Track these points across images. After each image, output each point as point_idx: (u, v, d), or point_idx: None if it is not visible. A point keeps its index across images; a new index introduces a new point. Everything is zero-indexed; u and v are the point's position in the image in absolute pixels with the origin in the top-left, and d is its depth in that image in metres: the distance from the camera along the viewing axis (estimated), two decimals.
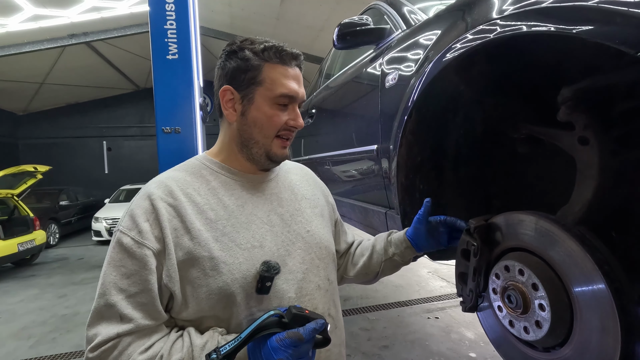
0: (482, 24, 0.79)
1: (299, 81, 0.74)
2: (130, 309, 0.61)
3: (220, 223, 0.69)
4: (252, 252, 0.69)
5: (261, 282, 0.67)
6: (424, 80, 0.98)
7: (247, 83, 0.72)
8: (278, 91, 0.71)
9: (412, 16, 1.46)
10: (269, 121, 0.72)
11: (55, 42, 7.43)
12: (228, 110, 0.74)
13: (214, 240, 0.67)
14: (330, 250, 0.84)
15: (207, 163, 0.77)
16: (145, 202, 0.67)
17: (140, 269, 0.62)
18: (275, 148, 0.75)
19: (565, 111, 0.74)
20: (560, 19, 0.58)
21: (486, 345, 2.62)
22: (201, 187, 0.72)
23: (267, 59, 0.72)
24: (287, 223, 0.77)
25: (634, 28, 0.45)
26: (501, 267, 0.75)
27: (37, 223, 5.99)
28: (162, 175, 0.75)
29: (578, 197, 0.75)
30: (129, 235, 0.64)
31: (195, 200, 0.70)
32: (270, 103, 0.72)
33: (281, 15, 7.56)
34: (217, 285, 0.65)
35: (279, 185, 0.82)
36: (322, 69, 3.02)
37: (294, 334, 0.59)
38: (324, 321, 0.62)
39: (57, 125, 11.80)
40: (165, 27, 2.71)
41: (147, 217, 0.65)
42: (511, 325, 0.73)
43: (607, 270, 0.58)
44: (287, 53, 0.73)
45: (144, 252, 0.63)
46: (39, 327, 3.41)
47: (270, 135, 0.73)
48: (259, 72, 0.71)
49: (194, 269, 0.65)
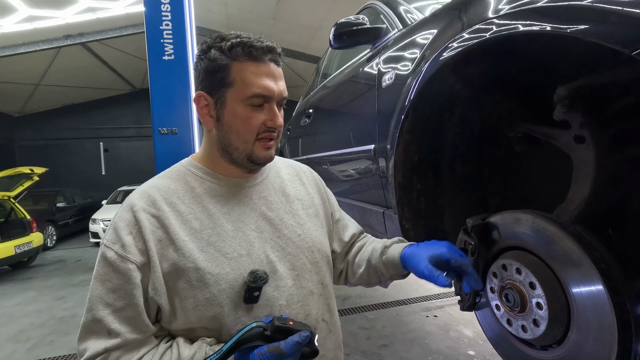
0: (478, 23, 0.79)
1: (274, 77, 0.68)
2: (117, 323, 0.61)
3: (206, 232, 0.67)
4: (239, 262, 0.67)
5: (249, 292, 0.65)
6: (420, 80, 0.98)
7: (218, 85, 0.68)
8: (250, 91, 0.66)
9: (408, 15, 1.46)
10: (244, 125, 0.68)
11: (51, 43, 7.39)
12: (205, 117, 0.71)
13: (199, 250, 0.65)
14: (324, 252, 0.81)
15: (192, 169, 0.74)
16: (127, 214, 0.65)
17: (124, 284, 0.61)
18: (258, 151, 0.71)
19: (561, 110, 0.74)
20: (556, 18, 0.58)
21: (485, 343, 2.63)
22: (185, 195, 0.70)
23: (234, 57, 0.66)
24: (277, 228, 0.74)
25: (629, 27, 0.45)
26: (499, 266, 0.75)
27: (34, 225, 5.96)
28: (145, 184, 0.72)
29: (574, 195, 0.75)
30: (112, 249, 0.62)
31: (179, 210, 0.67)
32: (244, 105, 0.67)
33: (277, 15, 7.54)
34: (204, 297, 0.64)
35: (268, 187, 0.79)
36: (319, 68, 3.02)
37: (275, 349, 0.57)
38: (308, 333, 0.60)
39: (54, 127, 11.73)
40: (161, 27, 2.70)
41: (130, 229, 0.64)
42: (509, 323, 0.73)
43: (604, 269, 0.58)
44: (257, 48, 0.66)
45: (127, 266, 0.61)
46: (36, 330, 3.39)
47: (250, 139, 0.69)
48: (227, 72, 0.66)
49: (180, 281, 0.64)
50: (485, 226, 0.81)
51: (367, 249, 0.91)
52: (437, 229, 1.12)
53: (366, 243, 0.94)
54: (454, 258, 0.73)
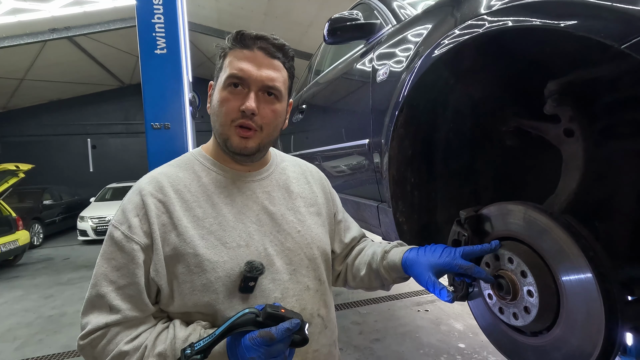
0: (470, 19, 0.81)
1: (257, 63, 0.69)
2: (118, 300, 0.64)
3: (208, 221, 0.70)
4: (237, 252, 0.69)
5: (244, 282, 0.67)
6: (414, 75, 0.99)
7: (217, 72, 0.73)
8: (226, 73, 0.69)
9: (402, 11, 1.47)
10: (221, 107, 0.70)
11: (36, 36, 7.21)
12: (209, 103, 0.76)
13: (200, 237, 0.68)
14: (323, 250, 0.82)
15: (201, 159, 0.77)
16: (136, 197, 0.69)
17: (128, 262, 0.64)
18: (232, 137, 0.70)
19: (551, 104, 0.76)
20: (547, 14, 0.59)
21: (475, 336, 2.68)
22: (192, 183, 0.73)
23: (230, 45, 0.71)
24: (278, 222, 0.76)
25: (618, 22, 0.46)
26: (491, 256, 0.77)
27: (19, 223, 5.83)
28: (155, 170, 0.75)
29: (564, 187, 0.78)
30: (119, 229, 0.66)
31: (185, 197, 0.70)
32: (223, 87, 0.70)
33: (269, 11, 7.49)
34: (201, 283, 0.66)
35: (272, 183, 0.81)
36: (312, 65, 3.02)
37: (266, 334, 0.58)
38: (298, 321, 0.61)
39: (40, 123, 11.47)
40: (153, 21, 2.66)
41: (137, 212, 0.67)
42: (501, 312, 0.75)
43: (592, 256, 0.60)
44: (246, 35, 0.70)
45: (132, 246, 0.65)
46: (24, 329, 3.33)
47: (225, 122, 0.70)
48: (223, 59, 0.72)
49: (180, 265, 0.66)
50: (478, 218, 0.83)
51: (367, 252, 0.90)
52: (430, 222, 1.14)
53: (365, 247, 0.94)
54: (458, 265, 0.72)
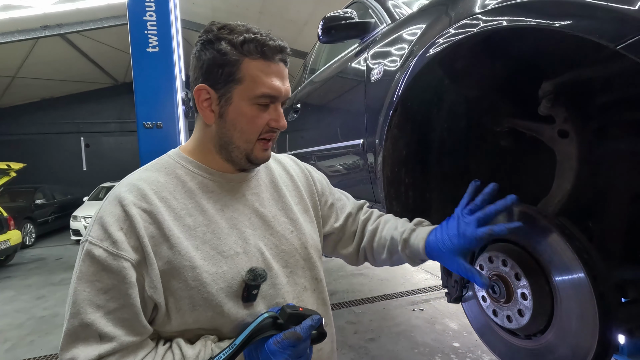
0: (465, 19, 0.80)
1: (282, 78, 0.67)
2: (110, 326, 0.56)
3: (200, 230, 0.65)
4: (236, 260, 0.66)
5: (247, 291, 0.64)
6: (409, 75, 0.98)
7: (225, 80, 0.65)
8: (259, 91, 0.64)
9: (396, 10, 1.46)
10: (249, 124, 0.66)
11: (27, 33, 7.11)
12: (205, 111, 0.67)
13: (194, 248, 0.63)
14: (316, 248, 0.80)
15: (183, 162, 0.71)
16: (116, 208, 0.61)
17: (118, 283, 0.57)
18: (257, 151, 0.69)
19: (545, 105, 0.76)
20: (542, 14, 0.59)
21: (469, 335, 2.69)
22: (177, 189, 0.67)
23: (246, 53, 0.64)
24: (270, 224, 0.73)
25: (613, 22, 0.46)
26: (485, 258, 0.77)
27: (11, 223, 5.75)
28: (132, 176, 0.67)
29: (558, 188, 0.77)
30: (101, 247, 0.57)
31: (172, 205, 0.64)
32: (250, 103, 0.65)
33: (264, 9, 7.45)
34: (202, 297, 0.61)
35: (260, 183, 0.77)
36: (307, 63, 3.00)
37: (292, 334, 0.57)
38: (319, 316, 0.61)
39: (32, 121, 11.33)
40: (145, 18, 2.62)
41: (120, 225, 0.59)
42: (495, 314, 0.75)
43: (586, 259, 0.60)
44: (270, 47, 0.65)
45: (120, 264, 0.57)
46: (15, 330, 3.28)
47: (252, 139, 0.68)
48: (237, 68, 0.64)
49: (175, 280, 0.61)
50: None
51: (384, 235, 0.86)
52: None
53: (379, 226, 0.89)
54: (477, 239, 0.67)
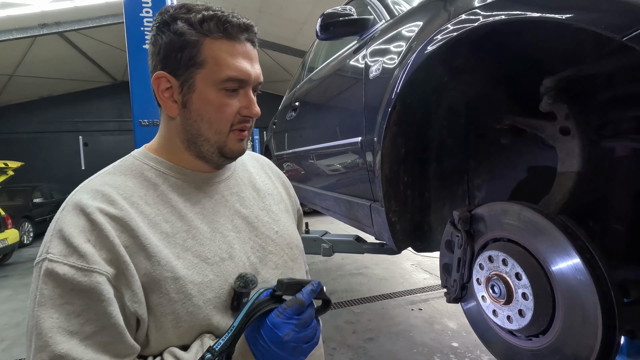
0: (463, 13, 0.78)
1: (250, 59, 0.60)
2: (90, 353, 0.48)
3: (180, 236, 0.58)
4: (222, 266, 0.60)
5: (237, 299, 0.58)
6: (407, 71, 0.96)
7: (185, 65, 0.58)
8: (224, 74, 0.57)
9: (395, 7, 1.44)
10: (217, 112, 0.59)
11: (25, 31, 7.07)
12: (166, 102, 0.61)
13: (175, 257, 0.56)
14: (300, 247, 0.77)
15: (151, 162, 0.63)
16: (77, 218, 0.52)
17: (93, 302, 0.49)
18: (231, 143, 0.62)
19: (547, 101, 0.75)
20: (544, 6, 0.57)
21: (468, 335, 2.68)
22: (148, 193, 0.59)
23: (207, 32, 0.57)
24: (254, 226, 0.68)
25: (619, 13, 0.44)
26: (485, 258, 0.75)
27: (9, 222, 5.73)
28: (92, 181, 0.59)
29: (559, 187, 0.76)
30: (66, 263, 0.49)
31: (145, 211, 0.57)
32: (216, 89, 0.58)
33: (263, 8, 7.43)
34: (187, 311, 0.55)
35: (238, 182, 0.71)
36: (305, 62, 2.99)
37: (294, 301, 0.53)
38: (318, 281, 0.58)
39: (30, 120, 11.29)
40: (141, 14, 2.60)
41: (87, 236, 0.51)
42: (495, 314, 0.74)
43: (589, 259, 0.59)
44: (234, 24, 0.58)
45: (93, 279, 0.49)
46: (12, 330, 3.27)
47: (223, 130, 0.60)
48: (197, 50, 0.57)
49: (155, 295, 0.54)
50: (471, 218, 0.81)
51: None
52: (423, 221, 1.12)
53: None
54: None
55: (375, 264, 4.51)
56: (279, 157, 2.96)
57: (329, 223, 6.69)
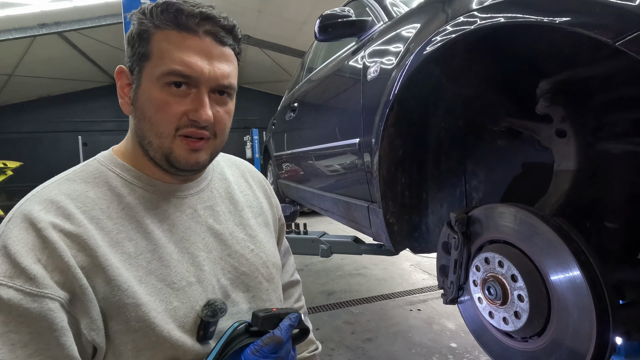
0: (461, 15, 0.79)
1: (206, 54, 0.52)
2: None
3: (143, 257, 0.52)
4: (189, 292, 0.54)
5: (204, 329, 0.54)
6: (405, 73, 0.97)
7: (138, 58, 0.53)
8: (166, 67, 0.51)
9: (394, 9, 1.45)
10: (158, 112, 0.52)
11: (24, 31, 7.07)
12: (123, 98, 0.56)
13: (137, 281, 0.50)
14: (277, 265, 0.72)
15: (118, 169, 0.57)
16: (27, 233, 0.46)
17: (43, 331, 0.43)
18: (178, 151, 0.54)
19: (543, 104, 0.75)
20: (540, 9, 0.57)
21: (466, 336, 2.68)
22: (111, 206, 0.53)
23: (158, 23, 0.51)
24: (228, 244, 0.62)
25: (612, 17, 0.45)
26: (481, 259, 0.76)
27: None
28: (47, 188, 0.53)
29: (555, 189, 0.76)
30: (11, 286, 0.42)
31: (106, 227, 0.51)
32: (160, 85, 0.51)
33: (263, 8, 7.43)
34: (149, 341, 0.50)
35: (214, 195, 0.65)
36: (304, 62, 2.99)
37: (271, 339, 0.52)
38: (296, 314, 0.57)
39: (29, 120, 11.29)
40: None
41: (37, 255, 0.45)
42: (491, 316, 0.74)
43: (584, 261, 0.59)
44: (187, 13, 0.51)
45: (45, 306, 0.43)
46: None
47: (164, 133, 0.53)
48: (147, 41, 0.52)
49: (114, 322, 0.49)
50: (468, 219, 0.81)
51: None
52: (421, 223, 1.13)
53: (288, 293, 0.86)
54: None
55: (374, 264, 4.52)
56: (278, 157, 2.96)
57: (329, 224, 6.70)
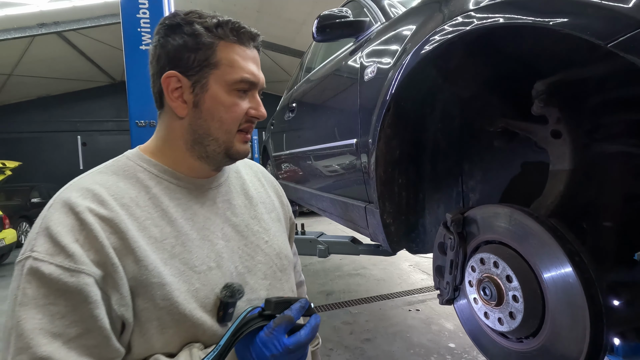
0: (458, 16, 0.79)
1: (258, 65, 0.64)
2: (74, 356, 0.47)
3: (168, 242, 0.58)
4: (209, 275, 0.59)
5: (223, 310, 0.58)
6: (401, 73, 0.97)
7: (199, 65, 0.60)
8: (238, 75, 0.60)
9: (392, 9, 1.45)
10: (228, 112, 0.61)
11: (24, 31, 7.07)
12: (176, 102, 0.61)
13: (162, 263, 0.55)
14: (290, 258, 0.77)
15: (145, 164, 0.63)
16: (66, 216, 0.51)
17: (79, 304, 0.48)
18: (238, 144, 0.64)
19: (538, 105, 0.75)
20: (535, 11, 0.58)
21: (465, 336, 2.69)
22: (139, 195, 0.59)
23: (222, 36, 0.60)
24: (244, 235, 0.68)
25: (605, 19, 0.45)
26: (477, 260, 0.76)
27: (6, 221, 5.73)
28: (83, 179, 0.58)
29: (550, 189, 0.76)
30: (52, 263, 0.48)
31: (135, 214, 0.56)
32: (229, 90, 0.61)
33: (262, 8, 7.43)
34: (173, 318, 0.54)
35: (231, 190, 0.71)
36: (303, 62, 2.99)
37: (283, 318, 0.54)
38: (306, 299, 0.59)
39: (28, 119, 11.28)
40: (138, 15, 2.59)
41: (75, 236, 0.50)
42: (486, 316, 0.74)
43: (578, 262, 0.59)
44: (246, 31, 0.62)
45: (81, 280, 0.48)
46: None
47: (232, 130, 0.62)
48: (212, 51, 0.59)
49: (141, 299, 0.53)
50: (464, 220, 0.81)
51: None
52: (417, 223, 1.13)
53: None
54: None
55: (373, 264, 4.52)
56: (277, 157, 2.96)
57: (327, 224, 6.70)
